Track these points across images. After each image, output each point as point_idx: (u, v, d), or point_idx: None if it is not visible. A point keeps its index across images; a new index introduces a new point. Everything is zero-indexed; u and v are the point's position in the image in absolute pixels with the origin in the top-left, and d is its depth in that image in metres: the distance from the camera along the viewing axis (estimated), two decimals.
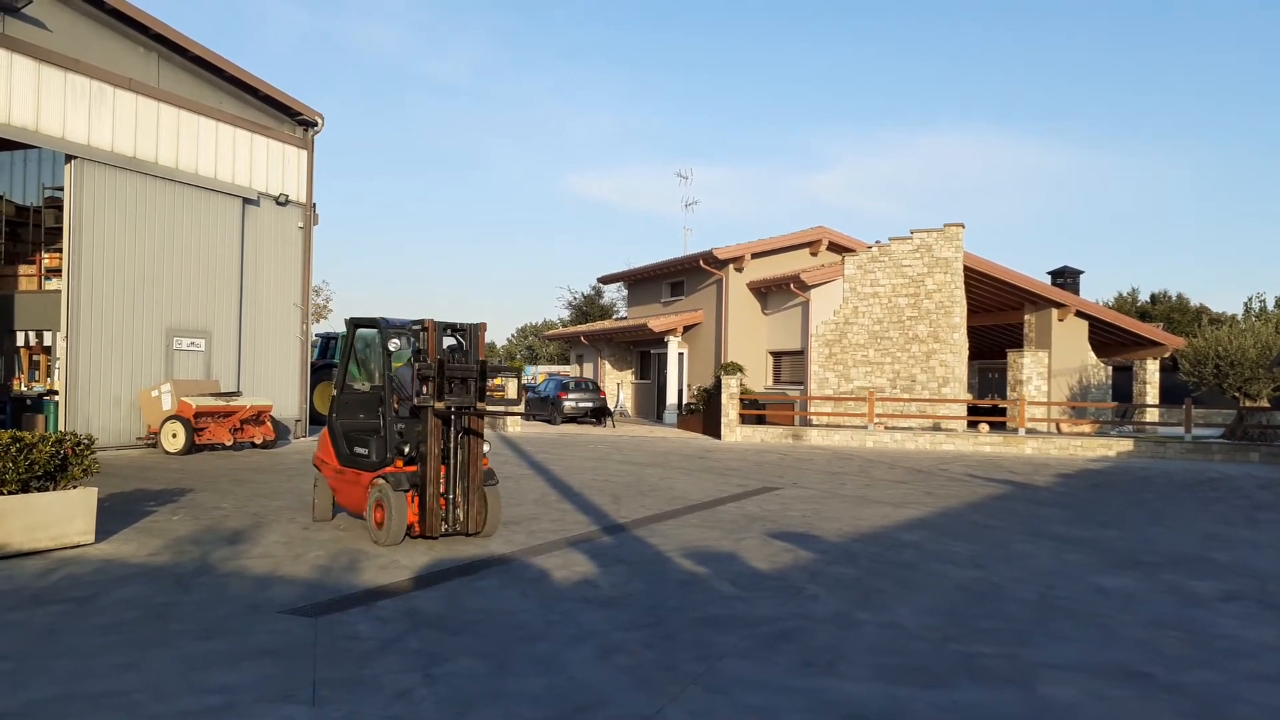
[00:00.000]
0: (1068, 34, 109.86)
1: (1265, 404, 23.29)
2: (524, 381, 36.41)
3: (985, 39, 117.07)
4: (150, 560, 7.50)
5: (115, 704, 4.35)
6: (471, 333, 8.80)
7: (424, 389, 8.12)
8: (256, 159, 18.91)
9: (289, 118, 19.58)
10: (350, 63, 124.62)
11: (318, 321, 38.10)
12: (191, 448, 15.89)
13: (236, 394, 17.47)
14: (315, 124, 19.88)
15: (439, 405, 7.98)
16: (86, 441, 8.19)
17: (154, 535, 8.51)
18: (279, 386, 19.44)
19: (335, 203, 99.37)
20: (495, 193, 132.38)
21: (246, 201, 18.63)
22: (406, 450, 8.26)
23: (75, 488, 7.98)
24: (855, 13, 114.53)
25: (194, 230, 17.61)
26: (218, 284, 18.08)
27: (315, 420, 23.38)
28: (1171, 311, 50.13)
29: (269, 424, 17.45)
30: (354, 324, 9.50)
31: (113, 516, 9.21)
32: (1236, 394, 22.81)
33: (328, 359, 25.64)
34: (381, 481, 8.20)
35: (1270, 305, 37.86)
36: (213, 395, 16.80)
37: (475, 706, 4.43)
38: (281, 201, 19.39)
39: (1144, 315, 48.49)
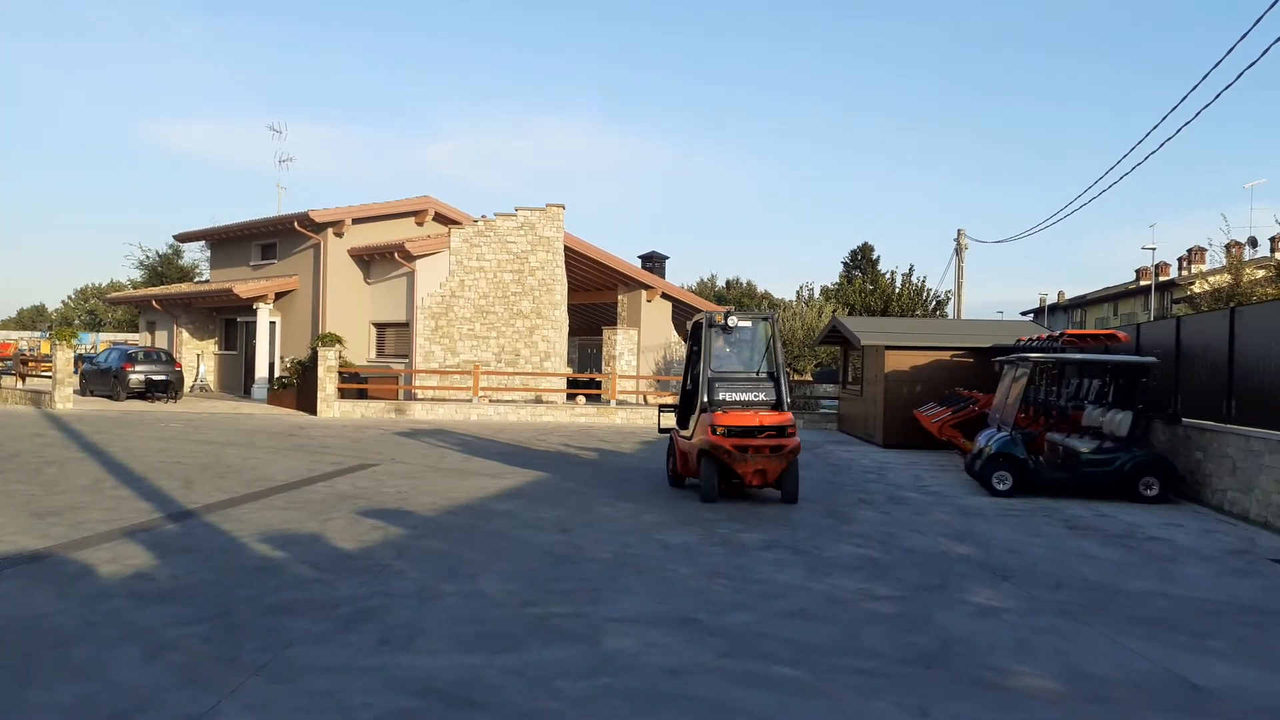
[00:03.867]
0: (666, 34, 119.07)
1: (809, 378, 27.19)
2: (81, 351, 31.81)
3: (592, 32, 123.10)
4: None
5: None
6: None
7: None
8: None
9: None
10: None
11: None
12: None
13: None
14: None
15: None
16: None
17: None
18: None
19: None
20: (52, 133, 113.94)
21: None
22: None
23: None
24: None
25: None
26: None
27: None
28: (743, 296, 56.66)
29: None
30: None
31: None
32: (787, 369, 26.38)
33: None
34: None
35: (817, 293, 44.14)
36: None
37: None
38: None
39: (720, 299, 54.25)
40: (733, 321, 10.80)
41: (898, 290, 38.06)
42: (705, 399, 10.47)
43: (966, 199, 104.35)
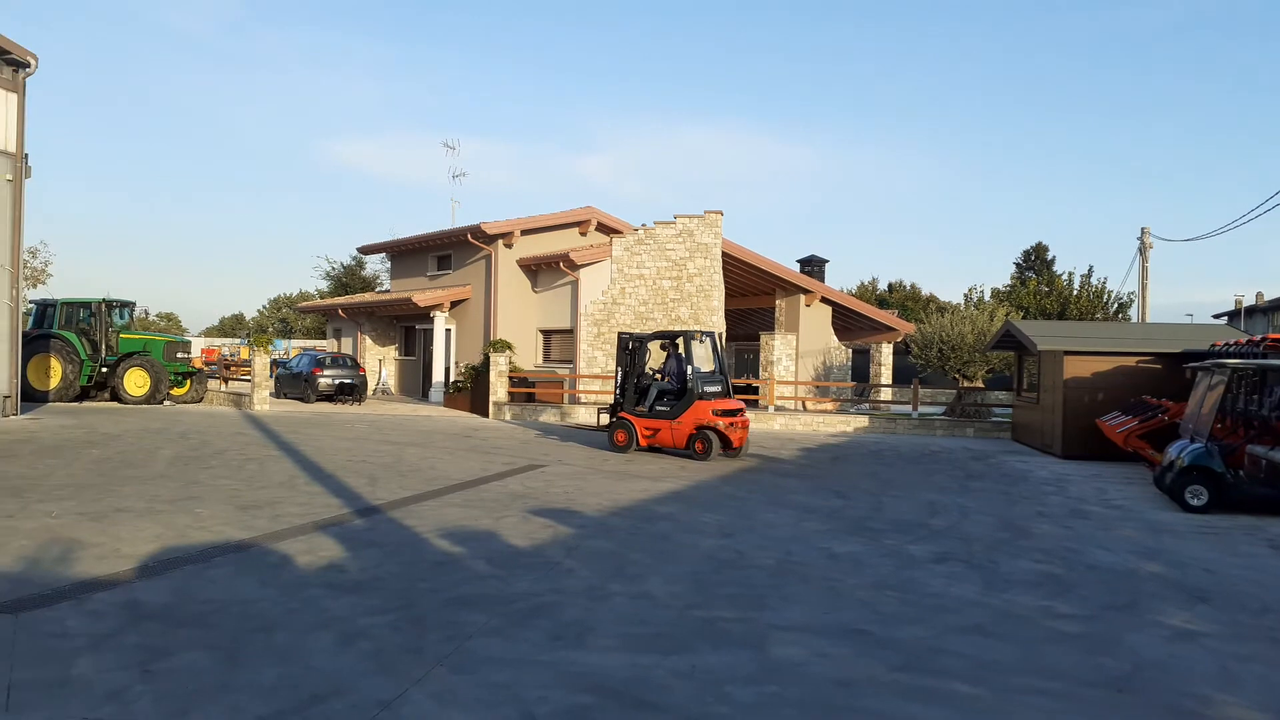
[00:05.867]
0: (818, 32, 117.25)
1: (980, 385, 26.09)
2: (275, 357, 34.33)
3: (743, 34, 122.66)
4: None
5: None
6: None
7: None
8: None
9: None
10: (77, 11, 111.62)
11: (34, 287, 33.96)
12: None
13: None
14: (27, 65, 17.62)
15: None
16: None
17: None
18: None
19: (61, 157, 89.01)
20: (246, 157, 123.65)
21: None
22: None
23: None
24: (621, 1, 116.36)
25: None
26: None
27: (29, 396, 20.92)
28: (906, 299, 54.98)
29: None
30: None
31: None
32: (957, 375, 25.39)
33: (45, 329, 22.97)
34: None
35: (987, 296, 42.31)
36: None
37: (198, 703, 4.11)
38: None
39: (882, 303, 52.87)
40: (700, 336, 15.73)
41: (1076, 292, 35.96)
42: (699, 391, 14.83)
43: (1151, 195, 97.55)
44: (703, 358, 15.83)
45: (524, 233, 26.59)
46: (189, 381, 24.65)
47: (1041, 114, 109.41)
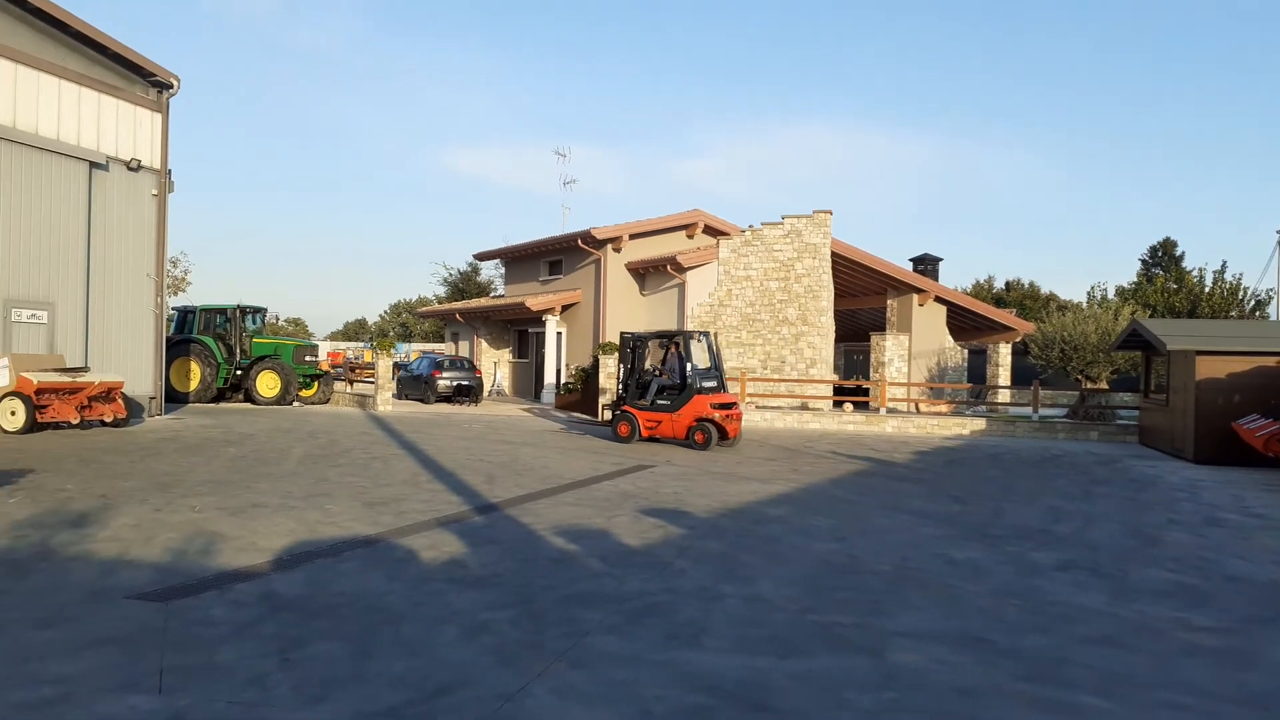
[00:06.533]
0: (925, 26, 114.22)
1: (1104, 386, 24.99)
2: (396, 359, 35.54)
3: (849, 31, 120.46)
4: None
5: None
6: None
7: None
8: (105, 121, 17.73)
9: (141, 78, 18.42)
10: (212, 30, 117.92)
11: (175, 295, 36.14)
12: (33, 426, 14.88)
13: (84, 369, 16.44)
14: (170, 86, 18.78)
15: None
16: None
17: None
18: (132, 362, 18.37)
19: (196, 171, 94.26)
20: (368, 167, 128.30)
21: (94, 165, 17.46)
22: None
23: None
24: (721, 3, 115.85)
25: (35, 195, 16.40)
26: (62, 253, 16.92)
27: (172, 398, 22.29)
28: (1024, 298, 53.07)
29: (120, 401, 16.50)
30: None
31: None
32: (1079, 376, 24.39)
33: (185, 334, 24.42)
34: None
35: (1111, 294, 40.48)
36: (57, 370, 15.75)
37: (333, 690, 4.33)
38: (133, 167, 18.27)
39: (999, 301, 51.18)
40: (698, 336, 17.35)
41: (1208, 289, 34.10)
42: (697, 387, 16.38)
43: None
44: (700, 356, 17.12)
45: (632, 237, 26.85)
46: (316, 384, 25.80)
47: (1168, 105, 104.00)
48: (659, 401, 16.84)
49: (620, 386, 17.80)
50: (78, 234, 17.19)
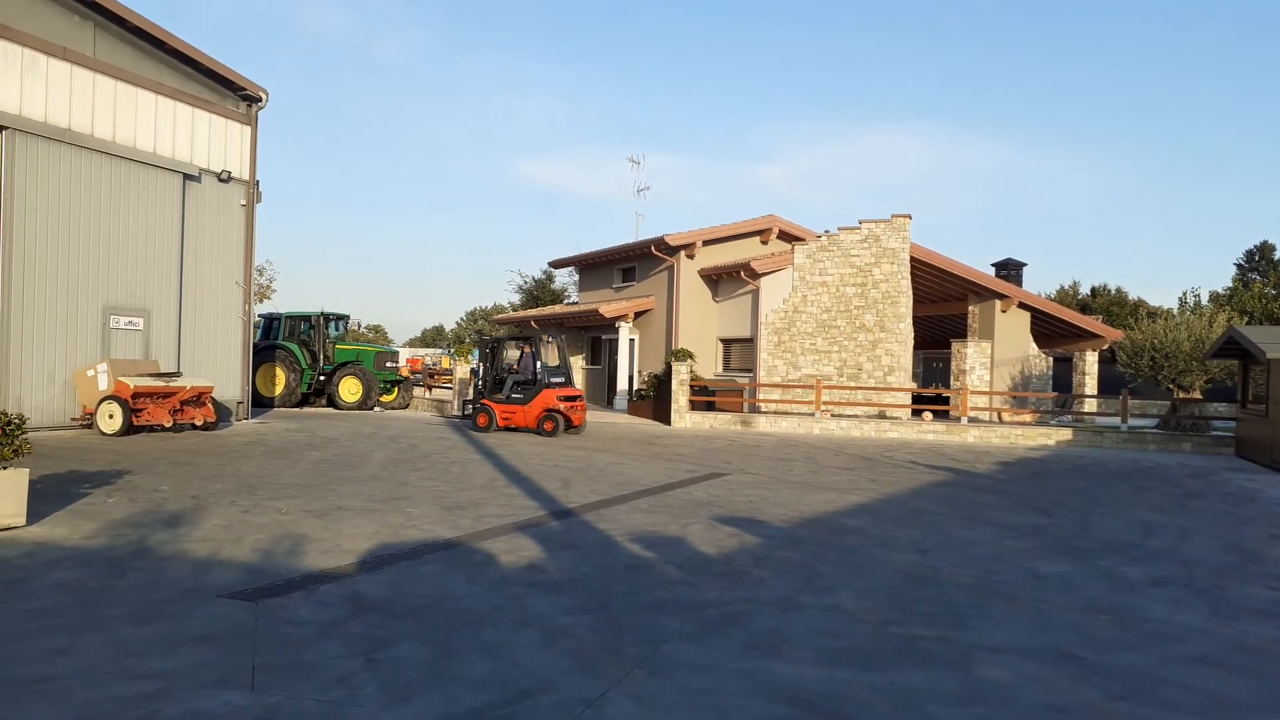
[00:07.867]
0: (1009, 31, 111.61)
1: (1198, 395, 24.04)
2: (473, 366, 36.04)
3: (927, 36, 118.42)
4: (84, 543, 7.30)
5: (45, 690, 4.24)
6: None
7: None
8: (198, 134, 18.43)
9: (232, 92, 19.10)
10: (297, 44, 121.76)
11: (261, 301, 37.33)
12: (129, 429, 15.51)
13: (177, 374, 17.08)
14: (259, 99, 19.43)
15: None
16: (17, 421, 7.95)
17: (88, 518, 8.29)
18: (221, 367, 19.03)
19: (282, 182, 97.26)
20: (445, 176, 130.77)
21: (187, 177, 18.15)
22: None
23: (5, 468, 7.74)
24: (794, 9, 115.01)
25: (132, 206, 17.12)
26: (157, 261, 17.62)
27: (258, 402, 23.01)
28: (1111, 304, 51.36)
29: (210, 405, 17.09)
30: None
31: (45, 499, 8.96)
32: (1171, 386, 23.50)
33: (271, 340, 25.18)
34: None
35: (1204, 300, 38.95)
36: (152, 375, 16.40)
37: (417, 691, 4.40)
38: (224, 178, 18.94)
39: (1085, 308, 49.65)
40: (547, 339, 20.15)
41: None
42: (545, 382, 18.56)
43: None
44: (550, 356, 19.66)
45: (705, 243, 26.78)
46: (397, 389, 26.35)
47: (1266, 100, 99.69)
48: (514, 396, 18.91)
49: (480, 382, 19.89)
50: (172, 243, 17.88)
